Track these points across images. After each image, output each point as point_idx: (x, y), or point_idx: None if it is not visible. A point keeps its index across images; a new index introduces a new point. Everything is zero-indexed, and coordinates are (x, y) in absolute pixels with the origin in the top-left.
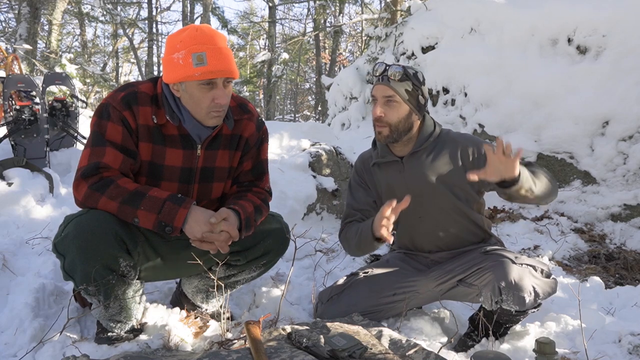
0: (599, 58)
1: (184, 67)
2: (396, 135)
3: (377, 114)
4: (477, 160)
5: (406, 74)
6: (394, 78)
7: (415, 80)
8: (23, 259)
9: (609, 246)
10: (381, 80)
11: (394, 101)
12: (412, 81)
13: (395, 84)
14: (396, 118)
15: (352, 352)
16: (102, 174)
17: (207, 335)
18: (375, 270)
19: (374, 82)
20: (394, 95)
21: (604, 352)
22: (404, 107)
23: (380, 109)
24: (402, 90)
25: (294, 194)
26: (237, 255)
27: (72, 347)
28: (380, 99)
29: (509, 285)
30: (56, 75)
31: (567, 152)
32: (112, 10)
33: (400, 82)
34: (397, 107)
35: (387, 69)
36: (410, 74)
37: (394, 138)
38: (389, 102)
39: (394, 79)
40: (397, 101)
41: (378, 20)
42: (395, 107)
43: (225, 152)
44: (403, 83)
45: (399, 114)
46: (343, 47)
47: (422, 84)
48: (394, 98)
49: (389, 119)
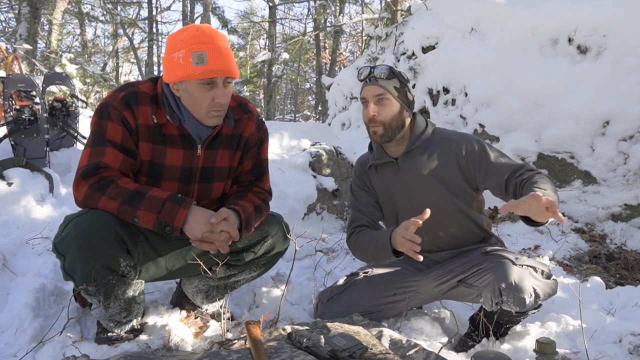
0: (599, 58)
1: (184, 66)
2: (390, 133)
3: (370, 113)
4: (470, 156)
5: (392, 71)
6: (382, 77)
7: (401, 77)
8: (23, 259)
9: (610, 246)
10: (369, 81)
11: (385, 99)
12: (399, 78)
13: (383, 82)
14: (389, 115)
15: (352, 352)
16: (102, 173)
17: (207, 336)
18: (375, 270)
19: (361, 85)
20: (384, 92)
21: (605, 352)
22: (395, 103)
23: (373, 108)
24: (391, 88)
25: (294, 194)
26: (237, 255)
27: (72, 347)
28: (371, 98)
29: (509, 287)
30: (56, 75)
31: (568, 152)
32: (112, 10)
33: (388, 80)
34: (389, 105)
35: (372, 70)
36: (396, 72)
37: (389, 136)
38: (380, 100)
39: (382, 78)
40: (388, 98)
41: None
42: (387, 104)
43: (225, 152)
44: (391, 81)
45: (391, 111)
46: (343, 47)
47: (408, 82)
48: (384, 95)
49: (382, 117)
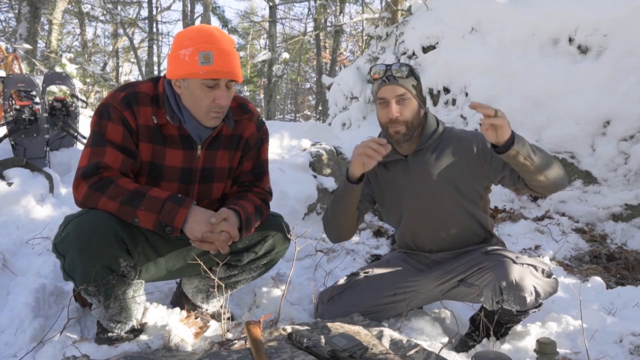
0: (600, 58)
1: (189, 63)
2: (412, 132)
3: (393, 114)
4: (481, 153)
5: (411, 70)
6: (402, 75)
7: (416, 75)
8: (23, 259)
9: (610, 246)
10: (387, 80)
11: (406, 98)
12: (414, 76)
13: (403, 81)
14: (411, 115)
15: (352, 352)
16: (102, 174)
17: (207, 336)
18: (375, 270)
19: (378, 85)
20: (406, 92)
21: (605, 353)
22: (414, 102)
23: (396, 108)
24: (410, 86)
25: (294, 194)
26: (237, 256)
27: (72, 348)
28: (392, 99)
29: (509, 285)
30: (56, 75)
31: (568, 152)
32: (112, 10)
33: (407, 78)
34: (409, 104)
35: (389, 69)
36: (413, 69)
37: (410, 135)
38: (402, 100)
39: (402, 77)
40: (408, 98)
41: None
42: (408, 104)
43: (225, 153)
44: (409, 79)
45: (412, 110)
46: (344, 47)
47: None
48: (405, 95)
49: (405, 117)
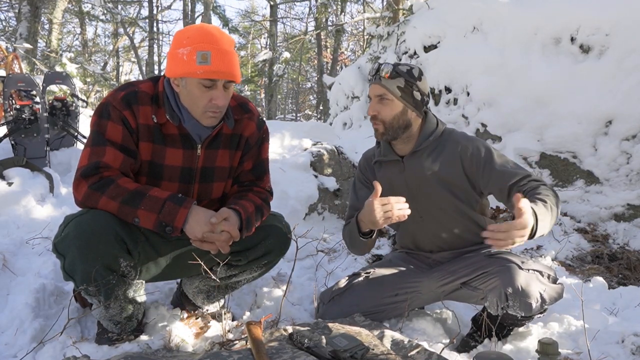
0: (602, 57)
1: (187, 62)
2: (392, 132)
3: (370, 112)
4: (475, 160)
5: (396, 71)
6: (384, 76)
7: (408, 76)
8: (23, 259)
9: (612, 246)
10: (374, 79)
11: (387, 99)
12: (404, 78)
13: (386, 81)
14: (389, 115)
15: (354, 352)
16: (102, 173)
17: (208, 336)
18: (377, 270)
19: (368, 82)
20: (385, 92)
21: (607, 353)
22: (396, 104)
23: (373, 107)
24: (393, 87)
25: (295, 194)
26: (238, 256)
27: (72, 348)
28: (373, 97)
29: (515, 292)
30: (56, 75)
31: (570, 152)
32: (113, 9)
33: (391, 79)
34: (389, 105)
35: (379, 68)
36: (402, 71)
37: (391, 135)
38: (381, 100)
39: (385, 77)
40: (389, 99)
41: (380, 19)
42: (388, 104)
43: (225, 152)
44: (394, 80)
45: (392, 111)
46: (345, 46)
47: (417, 80)
48: (385, 96)
49: (382, 116)
